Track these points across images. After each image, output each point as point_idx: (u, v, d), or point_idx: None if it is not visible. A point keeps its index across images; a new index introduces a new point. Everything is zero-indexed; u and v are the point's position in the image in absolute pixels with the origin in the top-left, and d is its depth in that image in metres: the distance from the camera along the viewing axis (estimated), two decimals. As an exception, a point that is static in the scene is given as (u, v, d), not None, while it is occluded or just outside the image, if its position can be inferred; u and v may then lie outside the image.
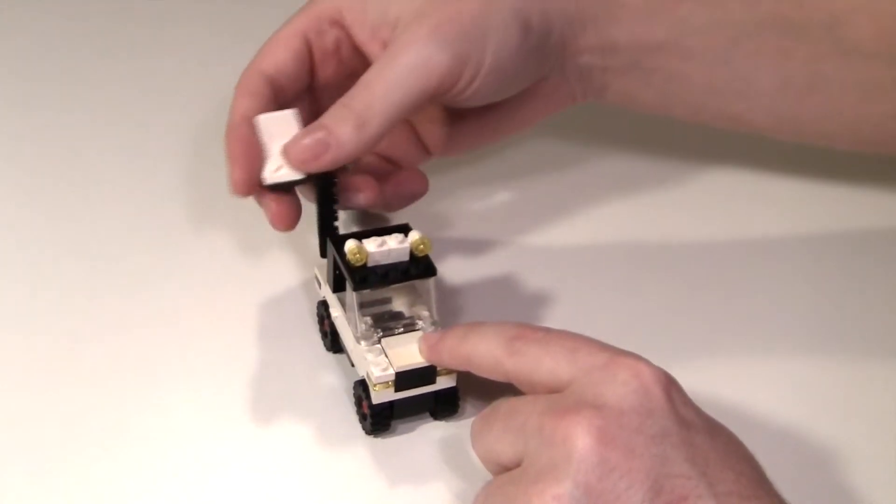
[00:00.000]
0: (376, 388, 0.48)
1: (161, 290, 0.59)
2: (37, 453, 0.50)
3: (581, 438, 0.40)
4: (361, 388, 0.49)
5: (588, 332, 0.45)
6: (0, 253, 0.61)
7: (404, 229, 0.50)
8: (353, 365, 0.51)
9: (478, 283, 0.59)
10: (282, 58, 0.55)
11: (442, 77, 0.51)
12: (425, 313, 0.51)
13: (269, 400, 0.53)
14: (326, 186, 0.52)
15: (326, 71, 0.56)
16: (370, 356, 0.48)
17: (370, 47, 0.54)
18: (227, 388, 0.53)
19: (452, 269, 0.59)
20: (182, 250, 0.61)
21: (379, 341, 0.49)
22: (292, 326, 0.56)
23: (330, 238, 0.51)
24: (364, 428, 0.50)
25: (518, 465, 0.42)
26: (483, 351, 0.46)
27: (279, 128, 0.51)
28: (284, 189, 0.51)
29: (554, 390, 0.43)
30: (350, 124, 0.50)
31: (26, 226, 0.63)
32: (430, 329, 0.50)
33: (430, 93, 0.51)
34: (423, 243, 0.49)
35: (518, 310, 0.57)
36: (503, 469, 0.43)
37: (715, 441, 0.41)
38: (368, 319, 0.50)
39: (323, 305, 0.53)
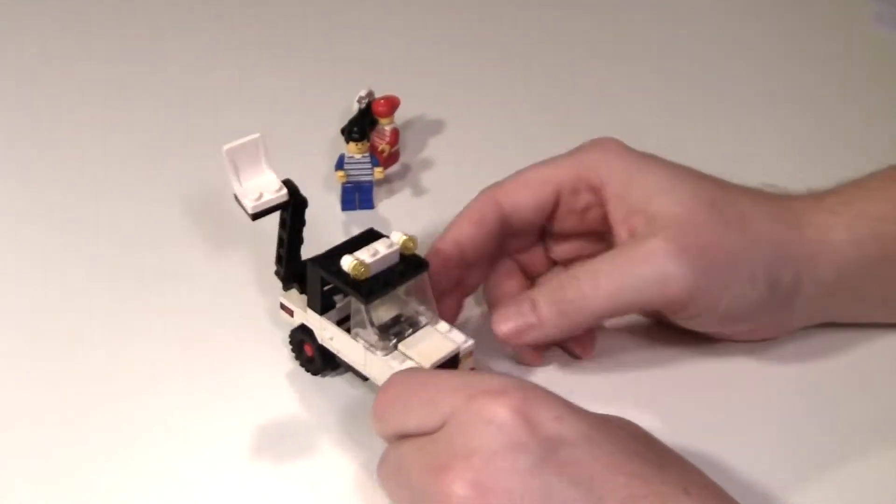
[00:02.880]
0: None
1: (161, 296, 0.59)
2: (37, 455, 0.50)
3: (458, 494, 0.40)
4: None
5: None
6: (3, 257, 0.61)
7: (375, 235, 0.50)
8: (364, 379, 0.51)
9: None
10: (525, 202, 0.54)
11: (671, 301, 0.50)
12: (422, 307, 0.50)
13: (259, 425, 0.52)
14: (300, 211, 0.51)
15: (564, 223, 0.56)
16: (395, 363, 0.48)
17: (618, 228, 0.53)
18: (212, 416, 0.52)
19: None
20: (184, 254, 0.61)
21: (395, 346, 0.49)
22: (264, 354, 0.55)
23: (310, 263, 0.50)
24: None
25: None
26: (375, 427, 0.46)
27: (248, 157, 0.50)
28: (267, 214, 0.51)
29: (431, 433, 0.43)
30: (557, 309, 0.50)
31: (28, 230, 0.63)
32: (436, 320, 0.51)
33: (652, 309, 0.51)
34: (411, 241, 0.50)
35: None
36: None
37: (599, 447, 0.41)
38: (375, 330, 0.49)
39: (302, 331, 0.53)
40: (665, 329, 0.55)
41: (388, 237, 0.50)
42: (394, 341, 0.49)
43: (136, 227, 0.63)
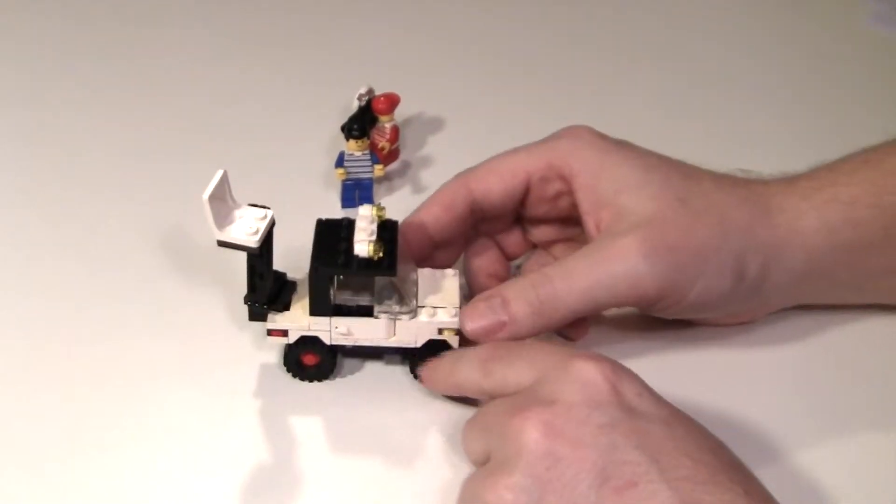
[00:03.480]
0: (456, 334, 0.52)
1: (157, 298, 0.59)
2: (32, 452, 0.50)
3: (529, 432, 0.42)
4: (428, 352, 0.52)
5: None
6: (1, 257, 0.61)
7: (334, 222, 0.52)
8: (384, 355, 0.54)
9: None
10: (495, 189, 0.55)
11: (643, 297, 0.51)
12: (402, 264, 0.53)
13: (258, 424, 0.52)
14: (272, 229, 0.51)
15: (537, 209, 0.57)
16: (426, 317, 0.52)
17: (586, 218, 0.54)
18: (220, 398, 0.53)
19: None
20: (183, 252, 0.61)
21: (419, 305, 0.52)
22: (264, 352, 0.56)
23: (316, 269, 0.51)
24: None
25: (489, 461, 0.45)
26: (465, 377, 0.49)
27: (219, 196, 0.50)
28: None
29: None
30: (531, 308, 0.50)
31: (25, 229, 0.63)
32: (415, 268, 0.54)
33: (625, 304, 0.52)
34: (381, 210, 0.52)
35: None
36: (482, 465, 0.45)
37: (673, 430, 0.42)
38: (400, 297, 0.52)
39: (300, 345, 0.53)
40: (644, 316, 0.56)
41: (352, 219, 0.52)
42: (415, 302, 0.52)
43: (134, 225, 0.63)
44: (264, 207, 0.50)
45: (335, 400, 0.53)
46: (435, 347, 0.52)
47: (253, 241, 0.49)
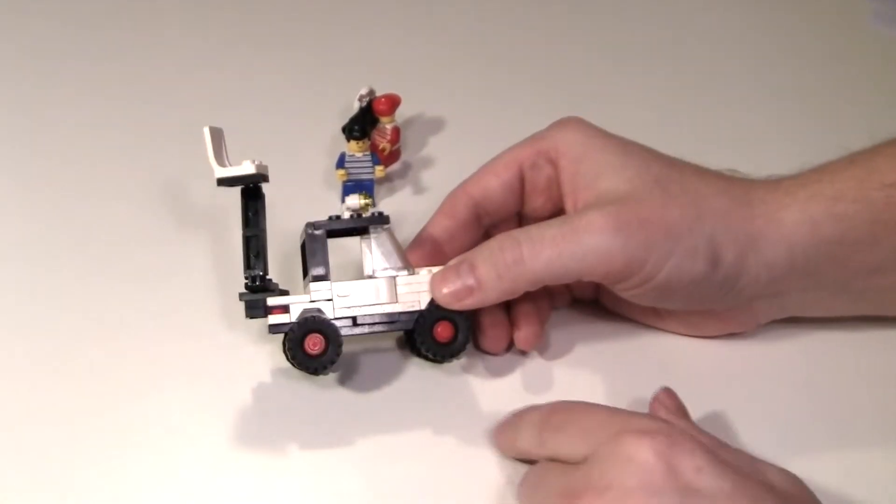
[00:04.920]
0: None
1: (158, 293, 0.59)
2: (31, 453, 0.50)
3: None
4: (434, 312, 0.53)
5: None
6: (1, 257, 0.62)
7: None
8: (385, 326, 0.53)
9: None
10: (492, 184, 0.56)
11: (609, 273, 0.50)
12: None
13: (258, 423, 0.52)
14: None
15: (534, 202, 0.57)
16: (426, 275, 0.53)
17: (566, 199, 0.54)
18: (223, 405, 0.53)
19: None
20: (180, 252, 0.62)
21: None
22: (262, 350, 0.56)
23: (310, 232, 0.52)
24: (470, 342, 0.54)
25: None
26: (525, 445, 0.49)
27: (220, 150, 0.52)
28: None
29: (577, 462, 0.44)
30: (497, 272, 0.51)
31: (23, 229, 0.63)
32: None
33: (592, 278, 0.51)
34: (368, 199, 0.55)
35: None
36: None
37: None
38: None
39: (304, 324, 0.52)
40: (631, 326, 0.57)
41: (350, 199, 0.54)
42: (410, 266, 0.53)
43: (130, 225, 0.64)
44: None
45: (335, 399, 0.53)
46: (439, 314, 0.52)
47: (253, 167, 0.50)
